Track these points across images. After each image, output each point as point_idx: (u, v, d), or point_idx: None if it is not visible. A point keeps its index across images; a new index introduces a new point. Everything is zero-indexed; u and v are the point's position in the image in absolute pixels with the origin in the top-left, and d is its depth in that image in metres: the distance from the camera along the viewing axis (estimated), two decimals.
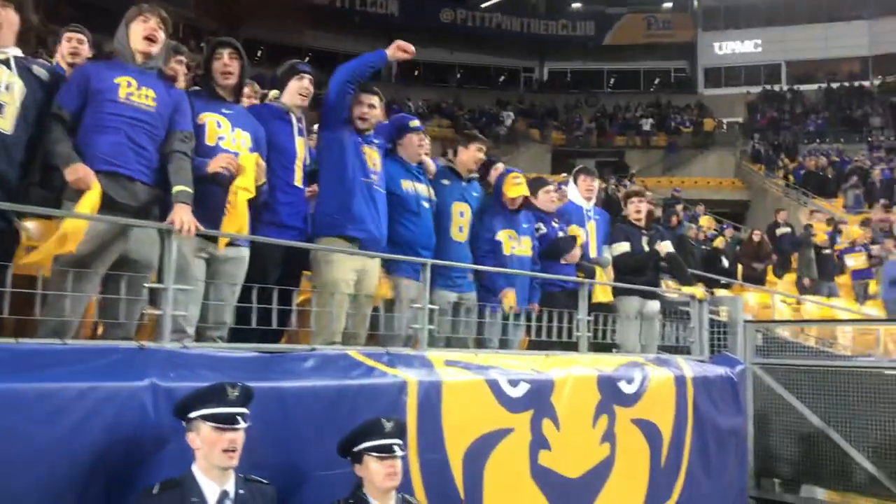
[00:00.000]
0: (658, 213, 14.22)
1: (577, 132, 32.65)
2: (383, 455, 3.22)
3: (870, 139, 27.33)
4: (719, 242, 13.64)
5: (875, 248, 13.66)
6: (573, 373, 4.95)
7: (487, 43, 36.50)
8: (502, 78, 38.76)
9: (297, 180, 4.36)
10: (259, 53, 29.41)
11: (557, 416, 4.72)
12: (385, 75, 35.51)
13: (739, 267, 13.42)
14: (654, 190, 21.71)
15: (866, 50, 34.48)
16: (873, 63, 34.29)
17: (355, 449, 3.26)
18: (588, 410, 4.98)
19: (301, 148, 4.42)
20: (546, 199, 6.14)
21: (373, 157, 4.61)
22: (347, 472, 3.29)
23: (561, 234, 6.02)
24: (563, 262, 5.78)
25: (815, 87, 33.98)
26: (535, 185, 6.13)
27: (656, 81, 38.65)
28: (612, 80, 38.88)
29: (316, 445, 3.44)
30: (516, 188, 5.50)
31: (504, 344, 5.25)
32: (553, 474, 4.65)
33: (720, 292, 10.94)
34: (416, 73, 36.80)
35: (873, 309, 12.70)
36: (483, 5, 35.87)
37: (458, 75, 37.79)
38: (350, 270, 4.34)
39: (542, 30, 37.33)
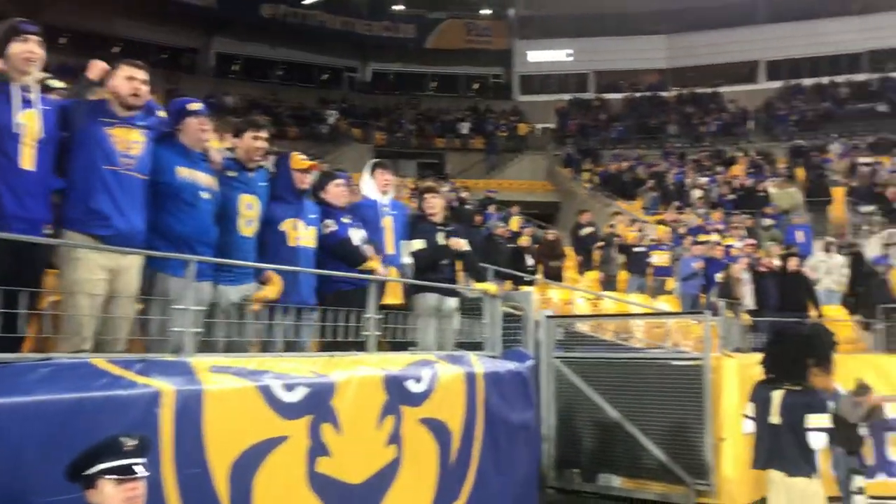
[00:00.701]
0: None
1: (399, 133, 32.75)
2: (121, 477, 2.84)
3: (665, 146, 29.27)
4: (524, 241, 13.99)
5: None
6: (358, 374, 4.73)
7: (310, 40, 35.81)
8: (325, 76, 38.22)
9: (26, 162, 3.77)
10: (62, 41, 27.25)
11: (339, 419, 4.49)
12: (202, 69, 34.04)
13: (540, 265, 13.86)
14: (473, 191, 22.17)
15: (664, 63, 36.99)
16: (671, 75, 36.85)
17: (88, 472, 2.85)
18: (373, 412, 4.79)
19: (31, 122, 3.82)
20: (337, 193, 5.90)
21: (127, 139, 4.13)
22: (75, 497, 2.88)
23: (353, 230, 5.81)
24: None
25: (619, 96, 36.02)
26: (325, 178, 5.88)
27: (475, 86, 39.54)
28: (433, 84, 39.38)
29: (40, 470, 3.00)
30: (304, 162, 5.28)
31: (294, 346, 4.97)
32: (333, 481, 4.41)
33: (525, 289, 11.18)
34: (234, 67, 35.54)
35: (666, 304, 13.48)
36: (305, 2, 35.15)
37: (280, 72, 36.86)
38: (98, 269, 3.87)
39: (365, 30, 37.12)
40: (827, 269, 13.78)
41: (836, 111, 30.08)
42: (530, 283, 12.36)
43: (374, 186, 6.39)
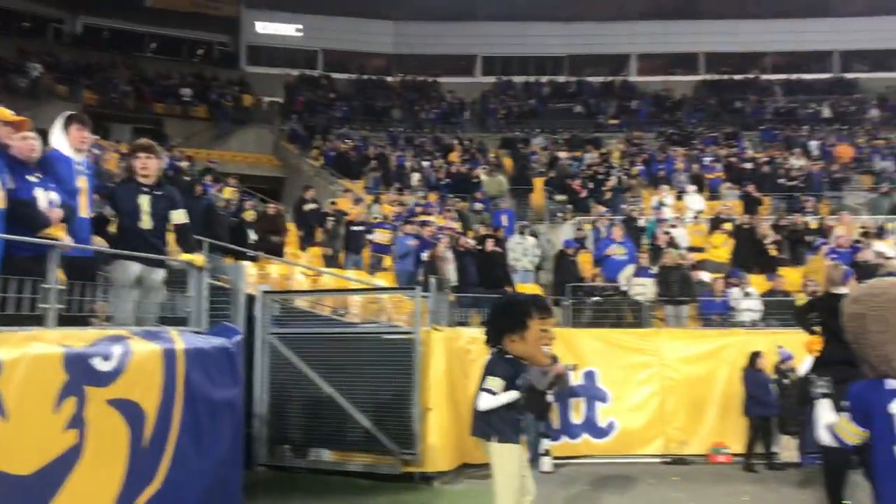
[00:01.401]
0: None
1: (113, 94, 30.10)
2: None
3: (390, 129, 29.92)
4: (249, 216, 13.50)
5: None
6: (31, 351, 4.15)
7: None
8: (27, 25, 34.03)
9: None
10: None
11: (4, 404, 3.89)
12: None
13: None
14: (195, 161, 20.99)
15: (391, 48, 37.76)
16: (396, 61, 37.70)
17: None
18: (49, 394, 4.23)
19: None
20: (23, 147, 5.17)
21: None
22: None
23: (40, 190, 5.10)
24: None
25: (346, 76, 36.15)
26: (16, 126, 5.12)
27: (200, 52, 37.51)
28: (153, 45, 36.74)
29: None
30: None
31: None
32: None
33: (238, 263, 10.75)
34: None
35: (383, 280, 13.73)
36: None
37: None
38: None
39: None
40: (523, 250, 14.87)
41: (540, 108, 32.69)
42: (253, 258, 11.94)
43: (67, 142, 5.69)
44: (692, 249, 14.84)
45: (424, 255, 12.80)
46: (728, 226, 15.27)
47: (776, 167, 21.30)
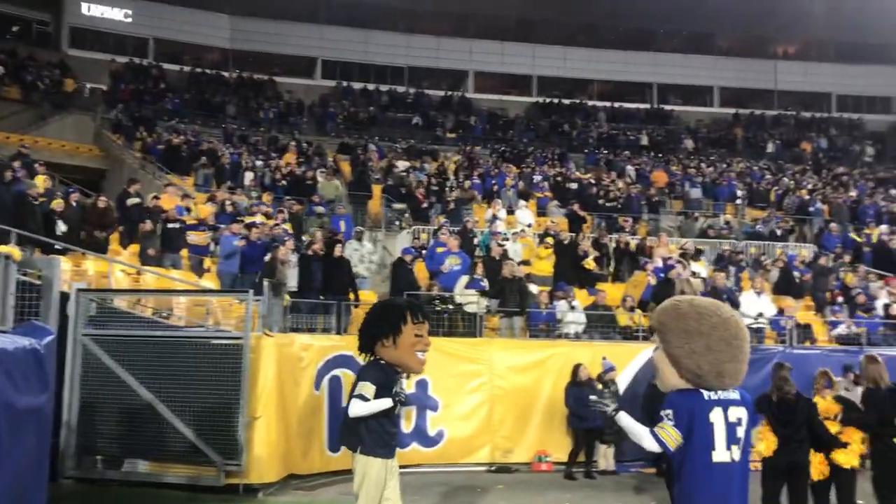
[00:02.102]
0: None
1: None
2: None
3: (224, 125, 28.78)
4: (57, 205, 12.40)
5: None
6: None
7: None
8: None
9: None
10: None
11: None
12: None
13: (82, 233, 12.46)
14: (4, 146, 19.12)
15: (227, 42, 36.44)
16: (232, 56, 36.41)
17: None
18: None
19: None
20: None
21: None
22: None
23: None
24: None
25: (179, 68, 34.46)
26: None
27: (14, 29, 34.42)
28: None
29: None
30: None
31: None
32: None
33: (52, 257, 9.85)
34: None
35: (209, 282, 13.07)
36: None
37: None
38: None
39: None
40: (360, 257, 14.71)
41: (379, 116, 32.70)
42: (63, 251, 10.99)
43: None
44: (522, 263, 15.27)
45: (266, 258, 12.33)
46: (550, 240, 15.87)
47: (599, 188, 22.44)
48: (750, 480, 4.18)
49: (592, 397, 4.60)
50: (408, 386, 10.57)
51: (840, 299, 15.24)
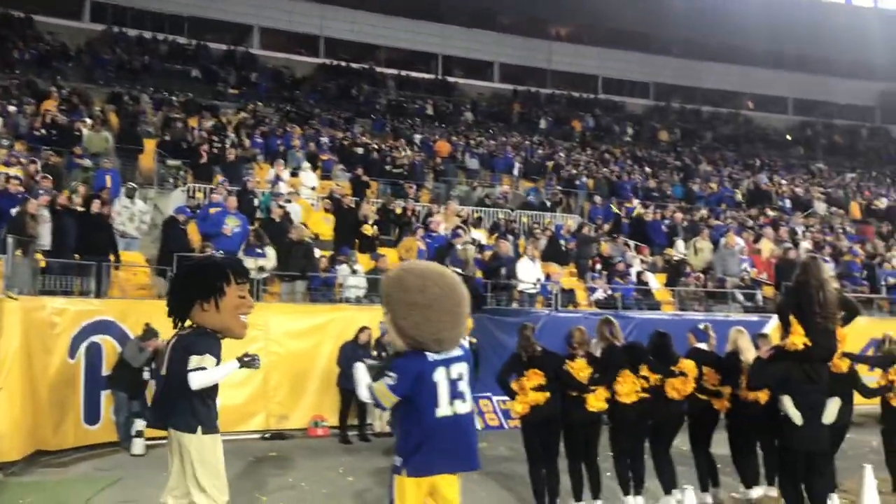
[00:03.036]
0: None
1: None
2: None
3: None
4: None
5: None
6: None
7: None
8: None
9: None
10: None
11: None
12: None
13: None
14: None
15: None
16: None
17: None
18: None
19: None
20: None
21: None
22: None
23: None
24: None
25: None
26: None
27: None
28: None
29: None
30: None
31: None
32: None
33: None
34: None
35: None
36: None
37: None
38: None
39: None
40: (130, 215, 13.58)
41: (156, 66, 30.38)
42: None
43: None
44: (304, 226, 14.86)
45: (13, 211, 10.93)
46: (327, 203, 15.55)
47: (384, 154, 22.40)
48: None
49: (368, 362, 4.65)
50: None
51: (599, 266, 16.33)
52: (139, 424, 9.68)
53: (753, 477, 8.03)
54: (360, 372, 4.56)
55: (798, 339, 6.14)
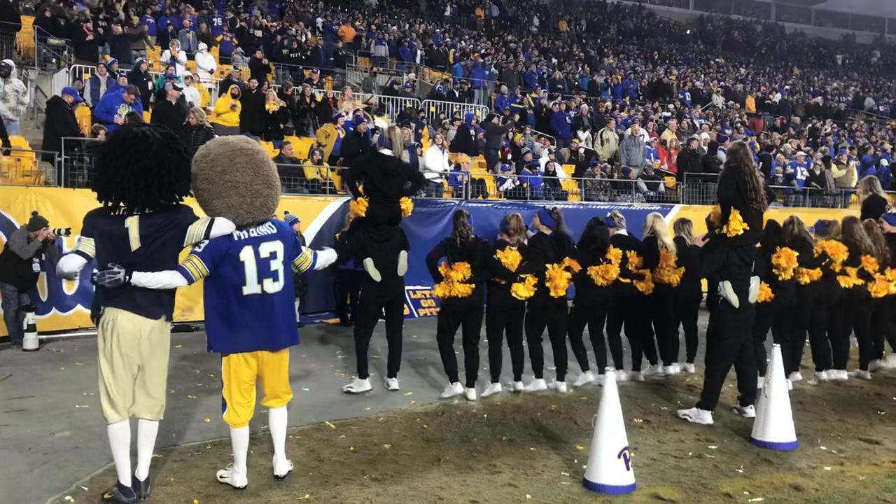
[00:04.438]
0: None
1: None
2: None
3: None
4: None
5: None
6: None
7: None
8: None
9: None
10: None
11: None
12: None
13: None
14: None
15: None
16: None
17: None
18: None
19: None
20: None
21: None
22: None
23: None
24: None
25: None
26: None
27: None
28: None
29: None
30: None
31: None
32: None
33: None
34: None
35: None
36: None
37: None
38: None
39: None
40: (3, 95, 12.37)
41: None
42: None
43: None
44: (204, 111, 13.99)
45: None
46: (235, 88, 14.66)
47: (285, 38, 21.23)
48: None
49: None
50: (68, 244, 9.26)
51: (509, 157, 16.22)
52: (30, 318, 9.11)
53: (673, 355, 8.31)
54: (155, 276, 4.47)
55: (738, 225, 6.22)
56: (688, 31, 41.99)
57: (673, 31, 41.25)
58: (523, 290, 7.14)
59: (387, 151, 7.39)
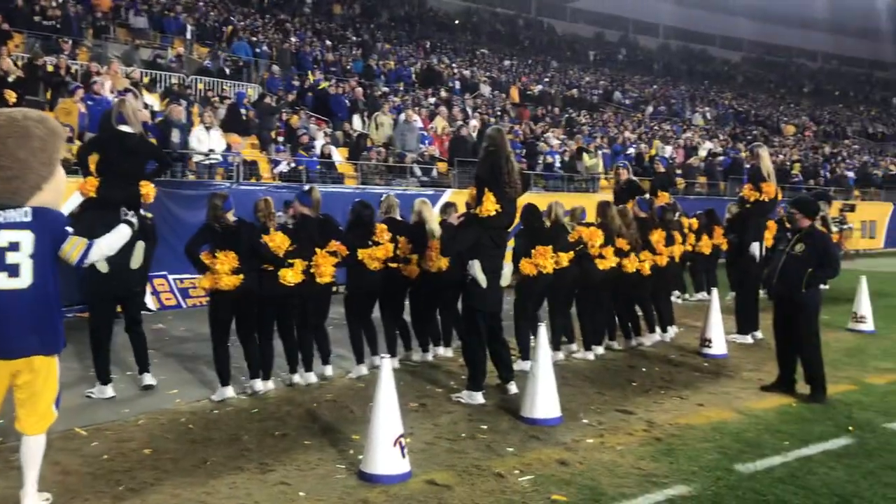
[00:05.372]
0: None
1: None
2: None
3: None
4: None
5: None
6: None
7: None
8: None
9: None
10: None
11: None
12: None
13: None
14: None
15: None
16: None
17: None
18: None
19: None
20: None
21: None
22: None
23: None
24: None
25: None
26: None
27: None
28: None
29: None
30: None
31: None
32: None
33: None
34: None
35: None
36: None
37: None
38: None
39: None
40: None
41: None
42: None
43: None
44: None
45: None
46: None
47: (34, 3, 18.94)
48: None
49: None
50: None
51: (283, 139, 15.69)
52: None
53: (435, 340, 8.39)
54: None
55: (491, 206, 6.34)
56: (456, 22, 43.20)
57: (442, 20, 42.23)
58: (292, 275, 6.82)
59: (126, 128, 6.68)
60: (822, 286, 7.24)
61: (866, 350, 9.14)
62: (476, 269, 6.42)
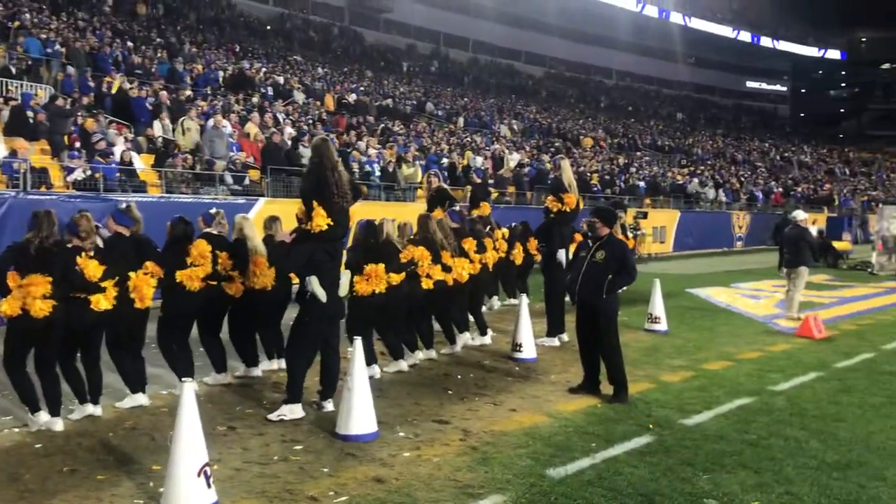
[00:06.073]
0: None
1: None
2: None
3: None
4: None
5: None
6: None
7: None
8: None
9: None
10: None
11: None
12: None
13: None
14: None
15: None
16: None
17: None
18: None
19: None
20: None
21: None
22: None
23: None
24: None
25: None
26: None
27: None
28: None
29: None
30: None
31: None
32: None
33: None
34: None
35: None
36: None
37: None
38: None
39: None
40: None
41: None
42: None
43: None
44: None
45: None
46: None
47: None
48: None
49: None
50: None
51: (78, 144, 14.44)
52: None
53: (255, 358, 8.00)
54: None
55: (322, 220, 6.16)
56: (268, 27, 42.11)
57: (253, 25, 41.00)
58: (104, 301, 6.18)
59: None
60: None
61: (661, 349, 9.77)
62: (314, 284, 6.18)
